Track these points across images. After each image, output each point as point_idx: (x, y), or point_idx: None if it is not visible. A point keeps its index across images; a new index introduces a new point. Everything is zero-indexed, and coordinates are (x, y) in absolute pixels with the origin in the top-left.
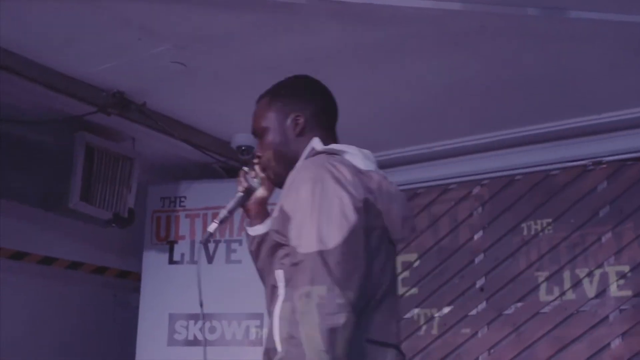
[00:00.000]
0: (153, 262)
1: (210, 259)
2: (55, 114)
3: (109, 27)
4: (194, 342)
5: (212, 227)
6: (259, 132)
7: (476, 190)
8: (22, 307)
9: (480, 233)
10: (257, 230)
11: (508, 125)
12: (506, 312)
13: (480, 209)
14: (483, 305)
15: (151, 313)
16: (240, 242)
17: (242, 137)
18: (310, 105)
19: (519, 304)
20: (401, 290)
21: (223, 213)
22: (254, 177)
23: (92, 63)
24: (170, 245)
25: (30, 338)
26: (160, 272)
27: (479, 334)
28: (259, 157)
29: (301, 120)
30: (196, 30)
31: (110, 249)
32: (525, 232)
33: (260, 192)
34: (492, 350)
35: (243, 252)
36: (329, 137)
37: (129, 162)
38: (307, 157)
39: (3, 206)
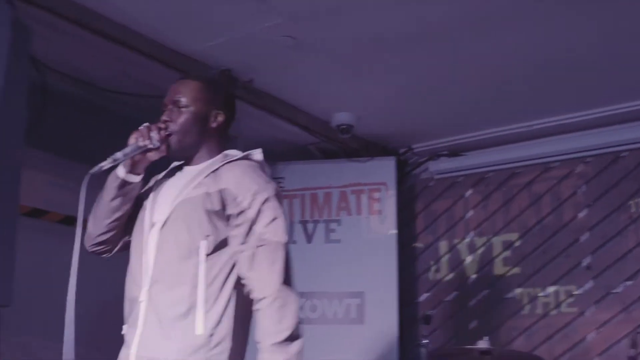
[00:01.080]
0: None
1: (309, 239)
2: (160, 91)
3: (224, 0)
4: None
5: (105, 163)
6: (179, 104)
7: (580, 168)
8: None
9: (585, 211)
10: (134, 179)
11: (613, 100)
12: (614, 290)
13: (584, 187)
14: (590, 284)
15: None
16: (338, 222)
17: (343, 116)
18: (230, 112)
19: (628, 282)
20: (502, 270)
21: (119, 155)
22: (157, 139)
23: (203, 39)
24: None
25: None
26: None
27: (586, 313)
28: (166, 122)
29: (221, 119)
30: (310, 4)
31: None
32: (633, 210)
33: (156, 154)
34: (600, 330)
35: (342, 232)
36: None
37: (233, 141)
38: (249, 161)
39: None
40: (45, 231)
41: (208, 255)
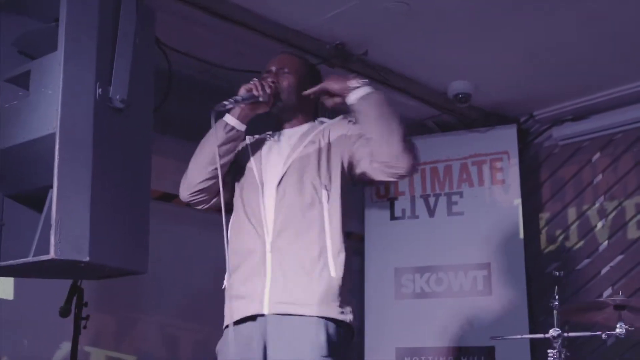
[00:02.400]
0: (375, 219)
1: (432, 213)
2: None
3: None
4: (421, 295)
5: (227, 102)
6: (284, 70)
7: None
8: None
9: None
10: (242, 128)
11: None
12: None
13: None
14: None
15: (377, 268)
16: (460, 194)
17: (460, 85)
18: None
19: None
20: (637, 233)
21: (238, 99)
22: (269, 93)
23: (316, 13)
24: (391, 202)
25: None
26: (383, 228)
27: None
28: (274, 82)
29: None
30: None
31: None
32: None
33: (262, 107)
34: None
35: (464, 204)
36: None
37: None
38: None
39: None
40: (176, 214)
41: (328, 202)
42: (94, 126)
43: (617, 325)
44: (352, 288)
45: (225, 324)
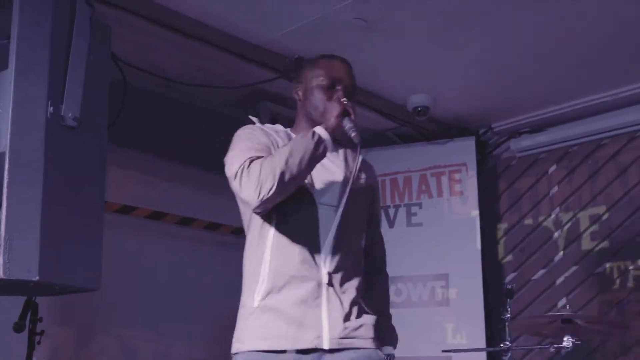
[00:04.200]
0: None
1: (391, 224)
2: (238, 82)
3: None
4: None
5: (357, 135)
6: (353, 89)
7: None
8: (189, 268)
9: None
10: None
11: None
12: None
13: None
14: None
15: None
16: (420, 205)
17: (419, 98)
18: None
19: None
20: (590, 244)
21: (354, 132)
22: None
23: (275, 28)
24: None
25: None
26: None
27: None
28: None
29: None
30: None
31: None
32: None
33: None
34: None
35: (423, 215)
36: None
37: None
38: None
39: (190, 175)
40: (135, 226)
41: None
42: (45, 145)
43: (565, 339)
44: None
45: (258, 341)
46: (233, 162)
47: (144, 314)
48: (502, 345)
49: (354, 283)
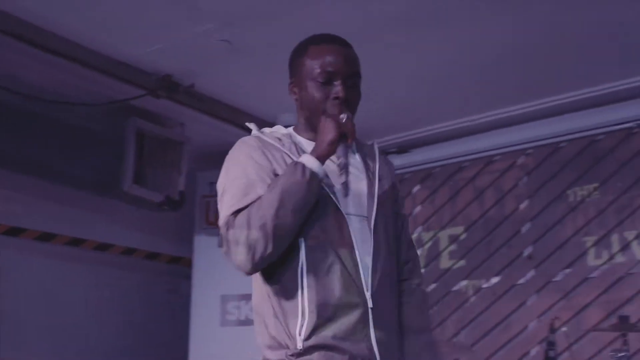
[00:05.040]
0: (204, 245)
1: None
2: (106, 99)
3: (158, 6)
4: (246, 322)
5: (344, 175)
6: (355, 77)
7: (521, 159)
8: (80, 293)
9: (526, 202)
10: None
11: (552, 92)
12: (555, 279)
13: (525, 179)
14: (532, 273)
15: (203, 295)
16: None
17: (288, 117)
18: None
19: (568, 270)
20: (448, 263)
21: (344, 162)
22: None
23: (141, 46)
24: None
25: (86, 322)
26: (211, 255)
27: (528, 302)
28: (347, 100)
29: None
30: (241, 7)
31: (161, 234)
32: (571, 199)
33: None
34: (541, 318)
35: None
36: None
37: (179, 147)
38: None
39: (59, 193)
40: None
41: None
42: None
43: None
44: None
45: None
46: (220, 208)
47: (45, 339)
48: None
49: (394, 301)
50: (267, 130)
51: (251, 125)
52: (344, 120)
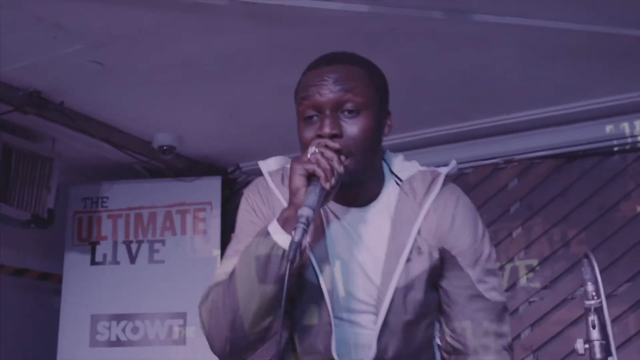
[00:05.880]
0: (75, 263)
1: (133, 260)
2: None
3: (23, 24)
4: (117, 343)
5: (299, 235)
6: (349, 106)
7: None
8: None
9: None
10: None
11: (419, 126)
12: None
13: None
14: None
15: (73, 314)
16: (163, 242)
17: (164, 137)
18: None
19: None
20: None
21: (308, 212)
22: (339, 164)
23: (8, 61)
24: (92, 246)
25: None
26: (82, 273)
27: None
28: (336, 136)
29: (390, 122)
30: (111, 29)
31: (30, 250)
32: None
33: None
34: None
35: (166, 252)
36: None
37: (49, 163)
38: (444, 182)
39: None
40: None
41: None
42: None
43: None
44: None
45: None
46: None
47: None
48: None
49: None
50: (275, 167)
51: (261, 164)
52: (309, 155)
